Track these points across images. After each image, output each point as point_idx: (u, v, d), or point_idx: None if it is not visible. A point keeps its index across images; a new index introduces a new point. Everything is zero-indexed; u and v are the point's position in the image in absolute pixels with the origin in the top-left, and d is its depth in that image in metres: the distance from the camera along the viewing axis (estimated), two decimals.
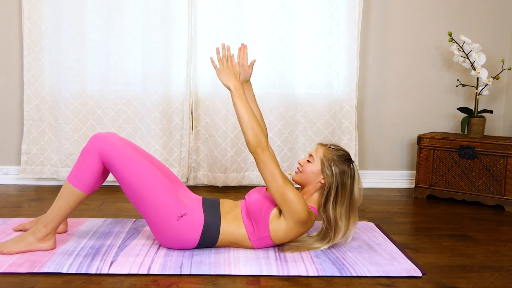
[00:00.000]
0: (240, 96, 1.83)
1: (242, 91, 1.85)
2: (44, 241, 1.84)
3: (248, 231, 1.87)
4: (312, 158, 1.92)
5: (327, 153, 1.90)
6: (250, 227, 1.87)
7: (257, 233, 1.86)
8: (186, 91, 3.00)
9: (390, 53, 3.17)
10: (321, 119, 3.06)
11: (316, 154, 1.92)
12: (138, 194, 1.81)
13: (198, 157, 3.08)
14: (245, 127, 1.79)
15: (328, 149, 1.91)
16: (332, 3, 2.98)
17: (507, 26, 3.18)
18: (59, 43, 2.91)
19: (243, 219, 1.88)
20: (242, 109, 1.81)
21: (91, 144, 1.83)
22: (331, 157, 1.88)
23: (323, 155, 1.90)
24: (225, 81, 1.88)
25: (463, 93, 3.22)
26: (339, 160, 1.88)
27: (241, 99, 1.83)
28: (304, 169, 1.92)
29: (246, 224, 1.87)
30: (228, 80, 1.88)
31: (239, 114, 1.82)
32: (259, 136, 1.78)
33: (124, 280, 1.64)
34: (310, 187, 1.93)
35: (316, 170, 1.90)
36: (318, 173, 1.89)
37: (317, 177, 1.90)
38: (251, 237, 1.87)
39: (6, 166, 3.10)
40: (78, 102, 2.97)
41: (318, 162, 1.90)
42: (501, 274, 1.78)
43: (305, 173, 1.92)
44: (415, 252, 1.99)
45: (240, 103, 1.82)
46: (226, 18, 2.94)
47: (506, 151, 2.68)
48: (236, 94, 1.84)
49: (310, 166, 1.91)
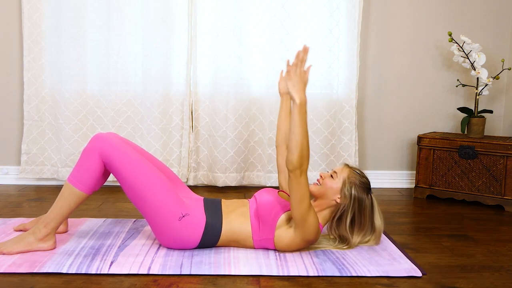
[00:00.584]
0: (302, 113, 1.68)
1: (306, 107, 1.70)
2: (44, 241, 1.84)
3: (253, 230, 1.87)
4: (335, 174, 1.92)
5: (351, 175, 1.90)
6: (256, 226, 1.87)
7: (261, 234, 1.86)
8: (186, 91, 3.00)
9: (390, 53, 3.17)
10: (321, 119, 3.06)
11: (340, 173, 1.92)
12: (139, 194, 1.82)
13: (198, 157, 3.08)
14: (295, 146, 1.68)
15: (353, 172, 1.92)
16: (332, 3, 2.98)
17: (507, 26, 3.18)
18: (59, 43, 2.91)
19: (250, 217, 1.88)
20: (299, 127, 1.68)
21: (91, 144, 1.83)
22: (353, 181, 1.88)
23: (347, 176, 1.90)
24: (292, 89, 1.70)
25: (463, 93, 3.22)
26: (360, 187, 1.88)
27: (303, 116, 1.68)
28: (325, 183, 1.92)
29: (252, 222, 1.88)
30: (296, 90, 1.69)
31: (294, 131, 1.68)
32: (304, 159, 1.70)
33: (124, 280, 1.64)
34: (324, 202, 1.92)
35: (336, 188, 1.89)
36: (337, 191, 1.89)
37: (334, 195, 1.90)
38: (254, 236, 1.87)
39: (6, 166, 3.10)
40: (78, 102, 2.97)
41: (340, 181, 1.90)
42: (501, 274, 1.78)
43: (324, 187, 1.91)
44: (415, 252, 1.99)
45: (299, 120, 1.67)
46: (226, 18, 2.94)
47: (506, 151, 2.68)
48: (299, 110, 1.67)
49: (331, 182, 1.91)
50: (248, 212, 1.90)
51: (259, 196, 1.93)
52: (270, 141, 3.03)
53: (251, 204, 1.94)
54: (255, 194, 1.98)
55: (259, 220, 1.87)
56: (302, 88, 1.70)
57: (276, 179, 3.04)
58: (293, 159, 1.69)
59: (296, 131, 1.68)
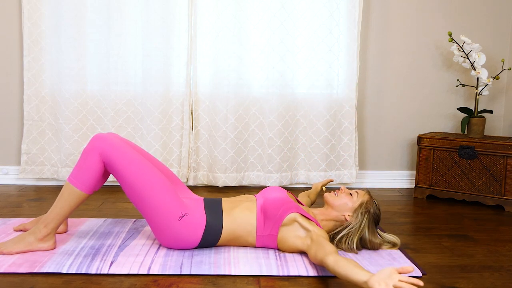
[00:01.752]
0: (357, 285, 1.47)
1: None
2: (44, 241, 1.84)
3: (258, 225, 1.88)
4: (355, 194, 1.96)
5: (369, 203, 1.93)
6: (261, 221, 1.88)
7: (265, 229, 1.87)
8: (186, 91, 3.00)
9: (390, 53, 3.17)
10: (321, 119, 3.06)
11: (360, 196, 1.96)
12: (139, 194, 1.82)
13: (198, 157, 3.08)
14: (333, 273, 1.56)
15: (372, 201, 1.95)
16: (332, 3, 2.98)
17: (507, 26, 3.18)
18: (59, 43, 2.91)
19: (256, 212, 1.89)
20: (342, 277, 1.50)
21: (92, 144, 1.83)
22: (369, 209, 1.91)
23: (365, 202, 1.93)
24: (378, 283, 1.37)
25: (463, 93, 3.22)
26: (373, 218, 1.92)
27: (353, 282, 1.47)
28: (342, 197, 1.96)
29: (258, 217, 1.88)
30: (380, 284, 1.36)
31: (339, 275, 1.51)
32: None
33: (124, 280, 1.64)
34: (333, 213, 1.95)
35: (351, 206, 1.93)
36: (350, 209, 1.93)
37: (346, 211, 1.93)
38: (258, 231, 1.88)
39: (6, 166, 3.10)
40: (78, 102, 2.97)
41: (358, 202, 1.93)
42: (501, 274, 1.78)
43: (340, 200, 1.95)
44: (415, 252, 1.99)
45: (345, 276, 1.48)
46: (226, 18, 2.94)
47: (506, 151, 2.68)
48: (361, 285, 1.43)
49: (348, 198, 1.95)
50: (255, 207, 1.92)
51: (268, 192, 1.96)
52: (270, 141, 3.03)
53: (258, 200, 1.96)
54: (263, 190, 2.01)
55: (265, 215, 1.87)
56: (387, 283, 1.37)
57: (276, 179, 3.04)
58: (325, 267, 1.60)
59: (338, 275, 1.52)
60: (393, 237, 1.98)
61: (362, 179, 3.23)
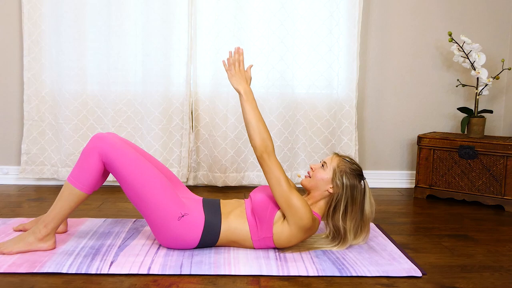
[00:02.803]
0: (249, 101, 1.86)
1: (252, 95, 1.88)
2: (44, 241, 1.85)
3: (251, 230, 1.87)
4: (325, 165, 1.92)
5: (341, 164, 1.89)
6: (254, 226, 1.87)
7: (260, 233, 1.86)
8: (186, 91, 3.00)
9: (390, 53, 3.17)
10: (321, 119, 3.06)
11: (330, 163, 1.91)
12: (139, 194, 1.82)
13: (198, 157, 3.08)
14: (252, 131, 1.82)
15: (343, 160, 1.91)
16: (332, 3, 2.98)
17: (507, 26, 3.18)
18: (59, 43, 2.91)
19: (247, 218, 1.88)
20: (251, 113, 1.84)
21: (91, 144, 1.83)
22: (344, 169, 1.88)
23: (337, 165, 1.89)
24: (235, 84, 1.90)
25: (463, 93, 3.22)
26: (352, 174, 1.87)
27: (250, 104, 1.86)
28: (315, 175, 1.91)
29: (250, 222, 1.87)
30: (238, 84, 1.90)
31: (247, 118, 1.84)
32: (266, 141, 1.81)
33: (124, 280, 1.64)
34: (317, 194, 1.92)
35: (327, 178, 1.89)
36: (328, 181, 1.89)
37: (326, 185, 1.89)
38: (253, 237, 1.87)
39: (6, 166, 3.10)
40: (78, 102, 2.97)
41: (331, 171, 1.89)
42: (501, 274, 1.78)
43: (314, 179, 1.91)
44: (415, 252, 1.99)
45: (249, 107, 1.85)
46: (226, 18, 2.94)
47: (506, 151, 2.68)
48: (246, 98, 1.86)
49: (321, 173, 1.91)
50: (245, 212, 1.90)
51: (253, 195, 1.93)
52: None
53: (247, 204, 1.94)
54: (250, 193, 1.98)
55: (256, 219, 1.86)
56: (244, 81, 1.91)
57: None
58: (256, 144, 1.81)
59: (249, 118, 1.83)
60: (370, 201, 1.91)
61: None
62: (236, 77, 1.92)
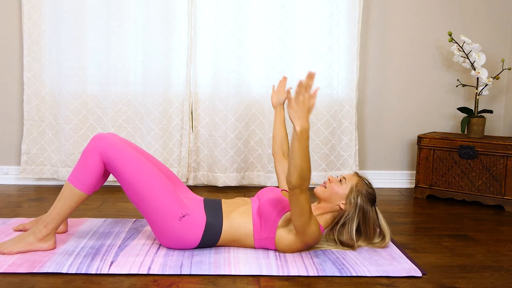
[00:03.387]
0: (302, 140, 1.59)
1: (306, 135, 1.60)
2: (44, 241, 1.84)
3: (255, 229, 1.87)
4: (344, 180, 1.92)
5: (359, 184, 1.90)
6: (258, 225, 1.87)
7: (263, 233, 1.86)
8: (186, 91, 3.00)
9: (390, 53, 3.17)
10: (321, 119, 3.06)
11: (349, 180, 1.92)
12: (139, 195, 1.82)
13: (198, 157, 3.08)
14: (293, 169, 1.62)
15: (362, 181, 1.92)
16: (332, 3, 2.98)
17: (507, 26, 3.18)
18: (59, 43, 2.91)
19: (252, 216, 1.88)
20: (299, 153, 1.60)
21: (92, 144, 1.83)
22: (361, 190, 1.88)
23: (355, 184, 1.90)
24: (294, 118, 1.59)
25: (463, 93, 3.22)
26: (366, 197, 1.88)
27: (303, 143, 1.59)
28: (331, 186, 1.91)
29: (254, 221, 1.87)
30: (298, 118, 1.59)
31: (293, 156, 1.61)
32: (304, 181, 1.64)
33: (124, 280, 1.64)
34: (327, 206, 1.92)
35: (342, 193, 1.89)
36: (342, 196, 1.89)
37: (339, 200, 1.89)
38: (255, 235, 1.87)
39: (6, 166, 3.10)
40: (78, 102, 2.97)
41: (348, 188, 1.89)
42: (501, 274, 1.78)
43: (329, 190, 1.91)
44: (415, 252, 1.99)
45: (299, 147, 1.59)
46: (226, 18, 2.94)
47: (506, 151, 2.68)
48: (299, 138, 1.59)
49: (338, 187, 1.91)
50: (251, 210, 1.91)
51: (261, 194, 1.94)
52: (270, 141, 3.03)
53: (253, 202, 1.95)
54: (258, 192, 1.99)
55: (261, 218, 1.87)
56: (305, 115, 1.59)
57: (276, 179, 3.04)
58: (292, 180, 1.64)
59: (295, 157, 1.61)
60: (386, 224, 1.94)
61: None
62: (298, 108, 1.58)
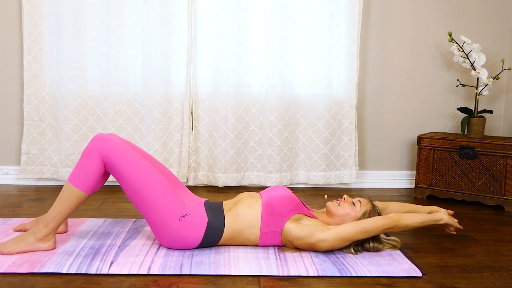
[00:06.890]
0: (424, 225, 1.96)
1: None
2: (44, 241, 1.84)
3: (262, 221, 1.87)
4: (358, 204, 1.96)
5: (372, 213, 1.93)
6: (266, 217, 1.87)
7: (270, 226, 1.87)
8: (186, 91, 3.00)
9: (390, 53, 3.17)
10: (321, 119, 3.06)
11: (363, 205, 1.95)
12: (139, 195, 1.82)
13: (198, 157, 3.08)
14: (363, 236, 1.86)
15: (375, 211, 1.95)
16: (332, 3, 2.98)
17: (507, 26, 3.18)
18: (59, 43, 2.91)
19: (262, 209, 1.89)
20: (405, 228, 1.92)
21: (92, 144, 1.83)
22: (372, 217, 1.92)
23: (368, 212, 1.93)
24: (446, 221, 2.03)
25: (463, 93, 3.22)
26: None
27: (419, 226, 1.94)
28: (344, 206, 1.95)
29: (263, 213, 1.88)
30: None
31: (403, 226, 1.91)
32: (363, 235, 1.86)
33: (124, 280, 1.64)
34: (335, 222, 1.95)
35: (354, 216, 1.93)
36: (353, 219, 1.93)
37: (349, 221, 1.93)
38: (262, 228, 1.87)
39: (6, 166, 3.10)
40: (78, 102, 2.97)
41: (361, 212, 1.93)
42: (501, 274, 1.78)
43: (342, 209, 1.95)
44: (415, 252, 1.99)
45: (414, 226, 1.93)
46: (226, 18, 2.94)
47: (506, 151, 2.68)
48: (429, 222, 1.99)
49: (351, 208, 1.95)
50: (259, 203, 1.91)
51: (273, 189, 1.95)
52: (270, 141, 3.03)
53: (263, 196, 1.95)
54: (268, 188, 2.00)
55: (270, 212, 1.87)
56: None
57: (276, 179, 3.04)
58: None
59: (403, 227, 1.90)
60: (394, 239, 1.98)
61: (362, 179, 3.22)
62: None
